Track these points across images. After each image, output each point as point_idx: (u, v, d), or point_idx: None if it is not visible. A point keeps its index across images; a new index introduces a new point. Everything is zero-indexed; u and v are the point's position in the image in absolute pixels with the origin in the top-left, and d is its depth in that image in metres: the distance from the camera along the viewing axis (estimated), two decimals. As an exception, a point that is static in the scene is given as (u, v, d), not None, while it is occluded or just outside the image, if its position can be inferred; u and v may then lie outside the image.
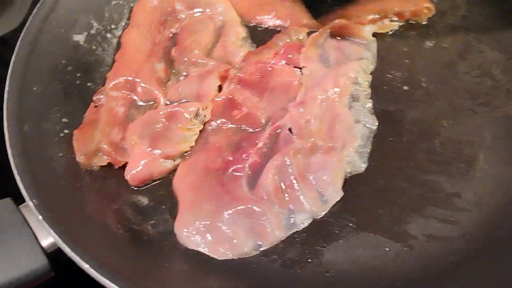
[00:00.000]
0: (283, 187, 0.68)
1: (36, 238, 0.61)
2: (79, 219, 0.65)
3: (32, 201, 0.61)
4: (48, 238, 0.61)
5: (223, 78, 0.80)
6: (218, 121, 0.77)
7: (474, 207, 0.68)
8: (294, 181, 0.68)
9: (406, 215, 0.68)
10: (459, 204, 0.68)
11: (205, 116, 0.77)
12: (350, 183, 0.70)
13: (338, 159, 0.71)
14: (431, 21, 0.88)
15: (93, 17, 0.88)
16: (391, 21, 0.87)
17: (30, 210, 0.62)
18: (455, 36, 0.85)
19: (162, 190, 0.74)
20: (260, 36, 0.90)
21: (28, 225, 0.62)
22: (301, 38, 0.86)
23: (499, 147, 0.72)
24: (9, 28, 1.09)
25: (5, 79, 0.76)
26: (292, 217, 0.67)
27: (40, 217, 0.59)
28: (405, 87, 0.80)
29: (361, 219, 0.68)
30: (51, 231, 0.58)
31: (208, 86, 0.79)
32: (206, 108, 0.78)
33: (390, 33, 0.87)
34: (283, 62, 0.84)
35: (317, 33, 0.84)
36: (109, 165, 0.75)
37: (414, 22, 0.88)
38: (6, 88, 0.72)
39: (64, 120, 0.77)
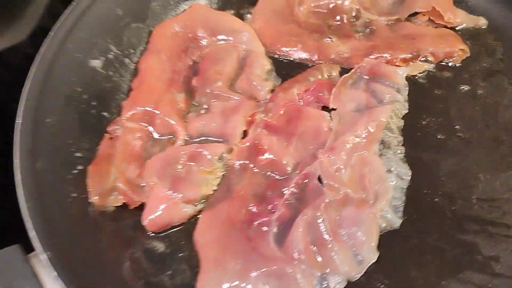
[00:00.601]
0: (315, 245, 0.64)
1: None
2: (94, 273, 0.60)
3: (45, 254, 0.55)
4: (60, 295, 0.56)
5: (249, 122, 0.76)
6: (242, 166, 0.72)
7: (514, 274, 0.64)
8: (327, 239, 0.64)
9: (441, 279, 0.64)
10: (498, 269, 0.65)
11: (229, 160, 0.73)
12: (383, 239, 0.66)
13: (372, 213, 0.67)
14: (466, 64, 0.84)
15: (112, 40, 0.83)
16: (424, 61, 0.83)
17: (40, 261, 0.57)
18: (491, 81, 0.81)
19: (179, 235, 0.69)
20: (285, 69, 0.85)
21: (38, 279, 0.56)
22: (333, 75, 0.81)
23: (540, 206, 0.68)
24: (18, 39, 1.04)
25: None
26: (325, 280, 0.62)
27: (55, 273, 0.54)
28: (439, 135, 0.76)
29: (394, 280, 0.64)
30: (66, 291, 0.53)
31: (233, 127, 0.75)
32: (231, 151, 0.73)
33: (423, 75, 0.82)
34: (312, 99, 0.79)
35: (348, 74, 0.79)
36: (124, 205, 0.70)
37: (447, 64, 0.83)
38: (18, 121, 0.66)
39: (77, 154, 0.72)
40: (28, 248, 0.59)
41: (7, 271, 0.56)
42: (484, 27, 0.88)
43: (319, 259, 0.64)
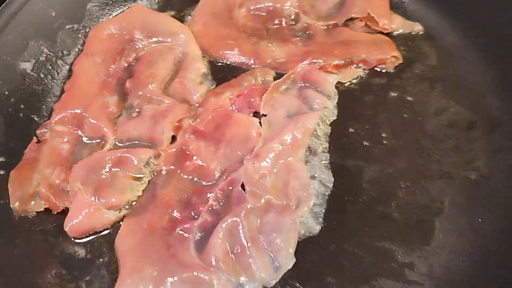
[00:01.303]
0: (233, 251, 0.64)
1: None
2: (8, 281, 0.59)
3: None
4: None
5: (177, 128, 0.76)
6: (169, 172, 0.73)
7: (426, 281, 0.65)
8: (246, 246, 0.64)
9: (356, 286, 0.65)
10: (411, 276, 0.66)
11: (156, 165, 0.73)
12: (301, 245, 0.67)
13: (292, 220, 0.67)
14: (398, 70, 0.85)
15: (44, 42, 0.83)
16: (357, 67, 0.84)
17: None
18: (422, 88, 0.82)
19: (101, 241, 0.70)
20: (221, 72, 0.86)
21: None
22: (267, 80, 0.82)
23: (456, 215, 0.70)
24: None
25: None
26: (241, 286, 0.63)
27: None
28: (365, 142, 0.77)
29: (309, 287, 0.65)
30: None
31: (160, 132, 0.75)
32: (158, 156, 0.73)
33: (355, 81, 0.83)
34: (244, 104, 0.80)
35: (280, 79, 0.80)
36: (47, 210, 0.70)
37: (380, 70, 0.84)
38: None
39: (1, 159, 0.71)
40: None
41: None
42: (420, 33, 0.89)
43: (237, 265, 0.64)
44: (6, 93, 0.76)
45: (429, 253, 0.67)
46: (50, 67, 0.83)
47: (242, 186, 0.70)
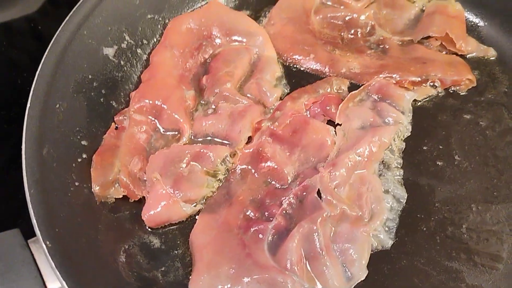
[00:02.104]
0: (307, 258, 0.65)
1: (43, 282, 0.56)
2: (92, 265, 0.61)
3: (45, 244, 0.56)
4: (56, 283, 0.57)
5: (255, 129, 0.77)
6: (244, 171, 0.74)
7: (494, 305, 0.66)
8: (320, 253, 0.65)
9: (425, 303, 0.66)
10: (480, 298, 0.67)
11: (232, 163, 0.74)
12: (373, 258, 0.68)
13: (365, 232, 0.68)
14: (470, 93, 0.85)
15: (126, 30, 0.83)
16: (431, 86, 0.85)
17: (40, 247, 0.58)
18: (494, 114, 0.83)
19: (175, 233, 0.71)
20: (295, 77, 0.87)
21: (36, 265, 0.57)
22: (342, 89, 0.82)
23: (525, 242, 0.71)
24: (27, 11, 1.04)
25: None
26: (313, 292, 0.64)
27: (53, 264, 0.55)
28: (438, 162, 0.78)
29: (380, 300, 0.66)
30: (64, 282, 0.54)
31: (239, 131, 0.76)
32: (234, 155, 0.74)
33: (429, 99, 0.84)
34: (319, 111, 0.81)
35: (357, 91, 0.81)
36: (124, 197, 0.72)
37: (453, 91, 0.85)
38: (28, 105, 0.67)
39: (83, 142, 0.72)
40: (28, 232, 0.60)
41: (6, 255, 0.57)
42: (492, 58, 0.90)
43: (310, 272, 0.65)
44: (90, 77, 0.77)
45: (497, 277, 0.68)
46: (130, 55, 0.84)
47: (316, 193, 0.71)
